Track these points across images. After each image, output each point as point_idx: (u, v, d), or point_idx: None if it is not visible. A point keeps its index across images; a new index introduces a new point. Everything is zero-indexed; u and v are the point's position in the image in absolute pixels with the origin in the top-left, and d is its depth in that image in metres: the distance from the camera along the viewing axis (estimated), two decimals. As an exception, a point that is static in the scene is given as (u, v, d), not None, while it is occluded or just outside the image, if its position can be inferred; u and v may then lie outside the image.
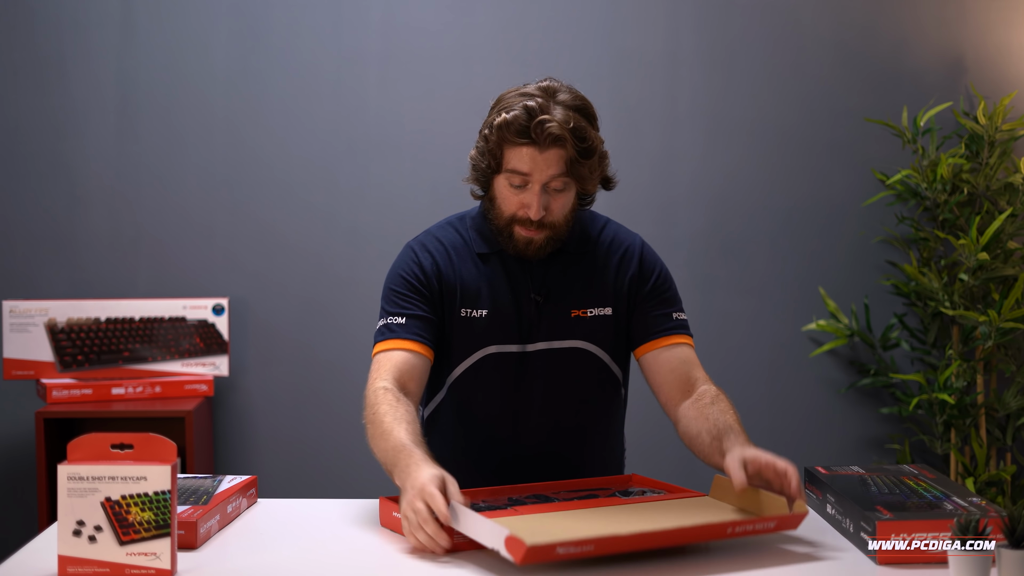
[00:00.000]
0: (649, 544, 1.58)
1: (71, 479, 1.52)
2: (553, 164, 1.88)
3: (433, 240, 2.02)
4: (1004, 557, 1.44)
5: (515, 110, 1.87)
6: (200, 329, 3.24)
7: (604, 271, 2.02)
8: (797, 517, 1.67)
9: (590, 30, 3.38)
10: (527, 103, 1.87)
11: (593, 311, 2.00)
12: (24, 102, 3.33)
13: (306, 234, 3.38)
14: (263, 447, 3.38)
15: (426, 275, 1.98)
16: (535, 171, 1.88)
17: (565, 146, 1.87)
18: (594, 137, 1.92)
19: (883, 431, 3.42)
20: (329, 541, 1.73)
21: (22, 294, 3.31)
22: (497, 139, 1.89)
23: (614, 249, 2.05)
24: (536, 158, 1.87)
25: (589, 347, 2.00)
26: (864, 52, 3.40)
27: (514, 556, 1.47)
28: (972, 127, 3.24)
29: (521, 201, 1.91)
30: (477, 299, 1.97)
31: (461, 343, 1.98)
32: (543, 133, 1.85)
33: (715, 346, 3.40)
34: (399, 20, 3.36)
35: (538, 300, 1.98)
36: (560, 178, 1.90)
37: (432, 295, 1.97)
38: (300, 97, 3.36)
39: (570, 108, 1.89)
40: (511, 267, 1.99)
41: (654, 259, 2.07)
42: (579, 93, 1.94)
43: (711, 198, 3.40)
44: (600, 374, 2.03)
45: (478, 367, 1.98)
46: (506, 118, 1.87)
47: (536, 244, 1.95)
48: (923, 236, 3.26)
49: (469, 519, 1.55)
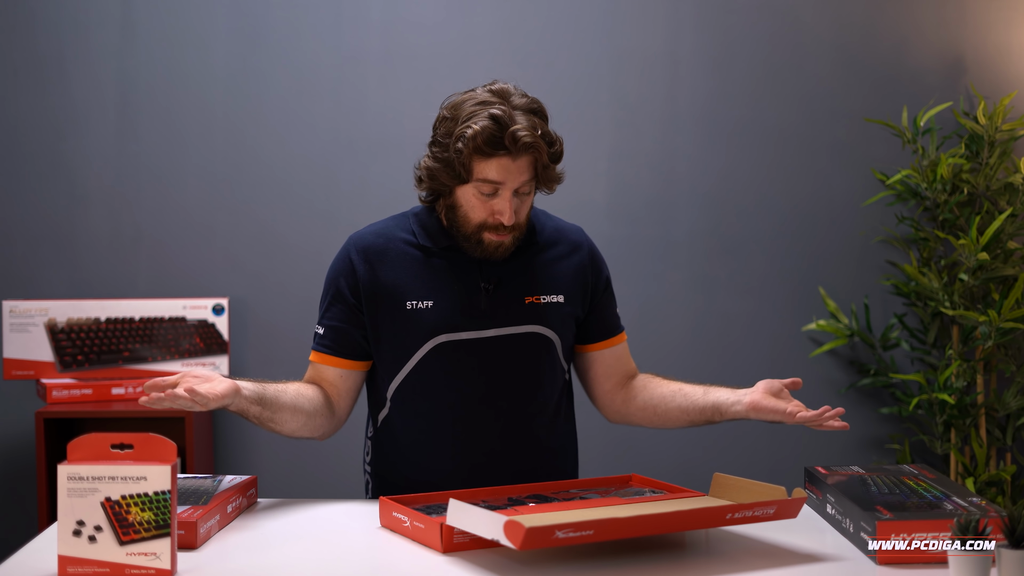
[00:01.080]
0: (649, 529, 1.57)
1: (71, 479, 1.52)
2: (525, 171, 1.92)
3: (373, 237, 2.05)
4: (1004, 557, 1.44)
5: (481, 120, 1.88)
6: (200, 329, 3.24)
7: (553, 260, 2.06)
8: (796, 503, 1.67)
9: (590, 30, 3.38)
10: (492, 111, 1.89)
11: (546, 298, 2.03)
12: (24, 102, 3.33)
13: (306, 234, 3.38)
14: (263, 447, 3.38)
15: (357, 281, 2.01)
16: (508, 179, 1.91)
17: (536, 153, 1.91)
18: (558, 139, 1.96)
19: (883, 431, 3.42)
20: (329, 541, 1.73)
21: (22, 294, 3.31)
22: (468, 151, 1.90)
23: (560, 240, 2.09)
24: (509, 167, 1.90)
25: (545, 331, 2.02)
26: (864, 52, 3.40)
27: (513, 541, 1.47)
28: (972, 127, 3.24)
29: (491, 208, 1.94)
30: (422, 291, 1.99)
31: (412, 335, 1.98)
32: (516, 143, 1.88)
33: (715, 346, 3.40)
34: (399, 19, 3.36)
35: (488, 288, 1.99)
36: (528, 183, 1.94)
37: (359, 303, 2.01)
38: (300, 97, 3.36)
39: (529, 112, 1.93)
40: (457, 259, 2.01)
41: (602, 258, 2.15)
42: (526, 93, 1.97)
43: (711, 198, 3.40)
44: (552, 362, 2.05)
45: (428, 359, 1.98)
46: (476, 130, 1.88)
47: (505, 246, 1.98)
48: (923, 236, 3.26)
49: (466, 512, 1.55)
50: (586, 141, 3.37)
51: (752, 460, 3.40)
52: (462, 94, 1.96)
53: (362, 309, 2.01)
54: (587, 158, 3.37)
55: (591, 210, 3.32)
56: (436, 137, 1.97)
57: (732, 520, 1.63)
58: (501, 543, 1.49)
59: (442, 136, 1.95)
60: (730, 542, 1.71)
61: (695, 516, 1.62)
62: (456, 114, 1.93)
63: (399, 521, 1.73)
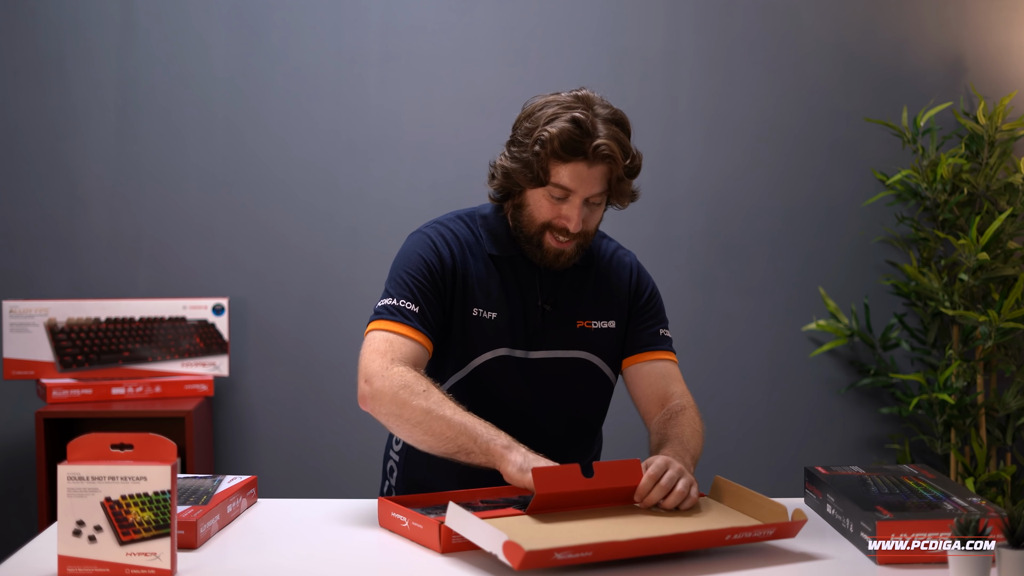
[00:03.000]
0: (647, 550, 1.58)
1: (71, 479, 1.52)
2: (599, 181, 1.89)
3: (448, 231, 1.98)
4: (1004, 557, 1.44)
5: (561, 123, 1.85)
6: (200, 329, 3.24)
7: (609, 285, 2.04)
8: (796, 525, 1.67)
9: (590, 30, 3.38)
10: (575, 115, 1.85)
11: (598, 323, 2.02)
12: (24, 102, 3.33)
13: (306, 234, 3.38)
14: (263, 447, 3.38)
15: (443, 264, 1.94)
16: (581, 187, 1.88)
17: (613, 164, 1.87)
18: (637, 154, 1.92)
19: (883, 431, 3.42)
20: (329, 541, 1.73)
21: (22, 294, 3.31)
22: (545, 153, 1.86)
23: (616, 264, 2.07)
24: (584, 174, 1.87)
25: (591, 358, 2.02)
26: (864, 52, 3.40)
27: (512, 561, 1.47)
28: (972, 127, 3.24)
29: (559, 212, 1.90)
30: (488, 300, 1.95)
31: (471, 342, 1.95)
32: (595, 152, 1.85)
33: (715, 346, 3.40)
34: (399, 20, 3.36)
35: (546, 309, 1.98)
36: (601, 195, 1.91)
37: (446, 288, 1.93)
38: (300, 97, 3.36)
39: (612, 122, 1.88)
40: (521, 273, 1.98)
41: (648, 277, 2.12)
42: (611, 105, 1.92)
43: (711, 198, 3.40)
44: (595, 388, 2.04)
45: (482, 370, 1.96)
46: (554, 132, 1.84)
47: (567, 255, 1.95)
48: (923, 236, 3.26)
49: (467, 523, 1.55)
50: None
51: (753, 460, 3.40)
52: (546, 96, 1.92)
53: (448, 295, 1.93)
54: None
55: (591, 210, 3.32)
56: (516, 136, 1.92)
57: (731, 541, 1.63)
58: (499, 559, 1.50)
59: (522, 136, 1.90)
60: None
61: (695, 538, 1.62)
62: (538, 115, 1.89)
63: (398, 521, 1.73)
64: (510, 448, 1.75)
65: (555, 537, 1.58)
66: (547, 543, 1.50)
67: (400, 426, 1.81)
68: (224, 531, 1.77)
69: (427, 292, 1.91)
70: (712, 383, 3.40)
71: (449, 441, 1.77)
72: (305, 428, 3.39)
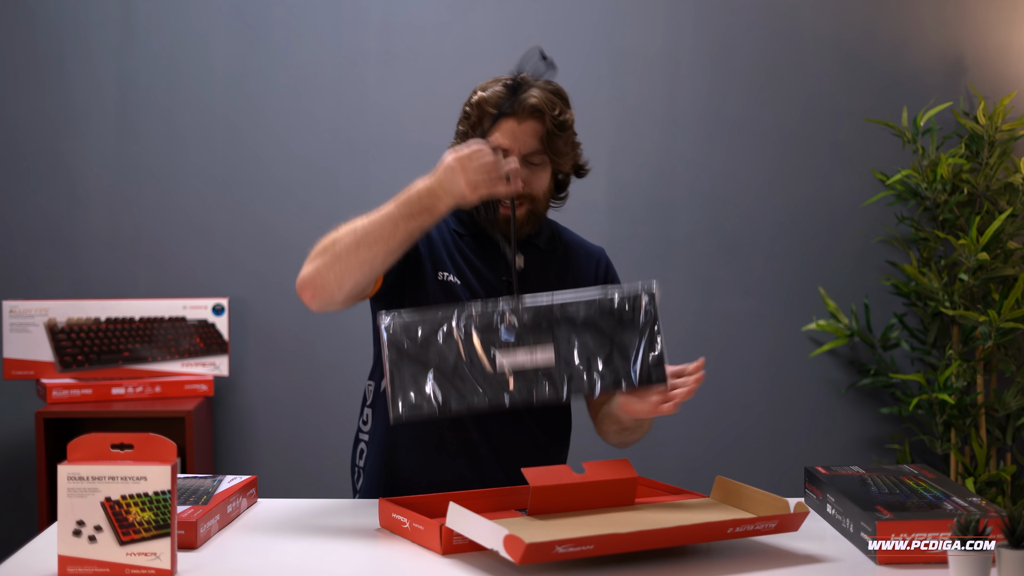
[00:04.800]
0: (649, 544, 1.57)
1: (71, 479, 1.52)
2: (531, 136, 1.97)
3: None
4: (1004, 557, 1.44)
5: (493, 87, 1.99)
6: (200, 329, 3.24)
7: (574, 269, 2.10)
8: (798, 517, 1.67)
9: (590, 30, 3.38)
10: (505, 82, 1.99)
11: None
12: (24, 102, 3.33)
13: (306, 234, 3.34)
14: (263, 447, 3.38)
15: None
16: (515, 143, 1.96)
17: (542, 119, 1.98)
18: (569, 114, 2.03)
19: (883, 431, 3.42)
20: (329, 541, 1.73)
21: (22, 294, 3.31)
22: (478, 115, 1.99)
23: (583, 253, 2.14)
24: (515, 130, 1.97)
25: None
26: (864, 52, 3.40)
27: (513, 555, 1.47)
28: (972, 127, 3.24)
29: None
30: (454, 268, 2.02)
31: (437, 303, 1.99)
32: (522, 105, 1.96)
33: (715, 346, 3.40)
34: (399, 20, 3.36)
35: (508, 281, 2.02)
36: (538, 154, 1.99)
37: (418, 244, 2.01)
38: (300, 97, 3.36)
39: (543, 89, 2.01)
40: (487, 249, 2.05)
41: (616, 275, 2.17)
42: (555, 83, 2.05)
43: (711, 198, 3.40)
44: None
45: None
46: (484, 95, 1.98)
47: (519, 219, 2.01)
48: (923, 236, 3.26)
49: (467, 520, 1.55)
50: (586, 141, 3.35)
51: (752, 460, 3.40)
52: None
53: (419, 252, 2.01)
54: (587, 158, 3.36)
55: (591, 210, 3.32)
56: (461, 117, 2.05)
57: (733, 534, 1.63)
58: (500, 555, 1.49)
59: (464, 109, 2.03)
60: (730, 542, 1.71)
61: (697, 530, 1.62)
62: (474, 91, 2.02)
63: (398, 522, 1.73)
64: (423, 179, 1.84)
65: (556, 533, 1.58)
66: (548, 537, 1.50)
67: (335, 265, 1.86)
68: (224, 531, 1.77)
69: None
70: (712, 383, 3.39)
71: (378, 226, 1.84)
72: (305, 428, 3.39)
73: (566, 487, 1.71)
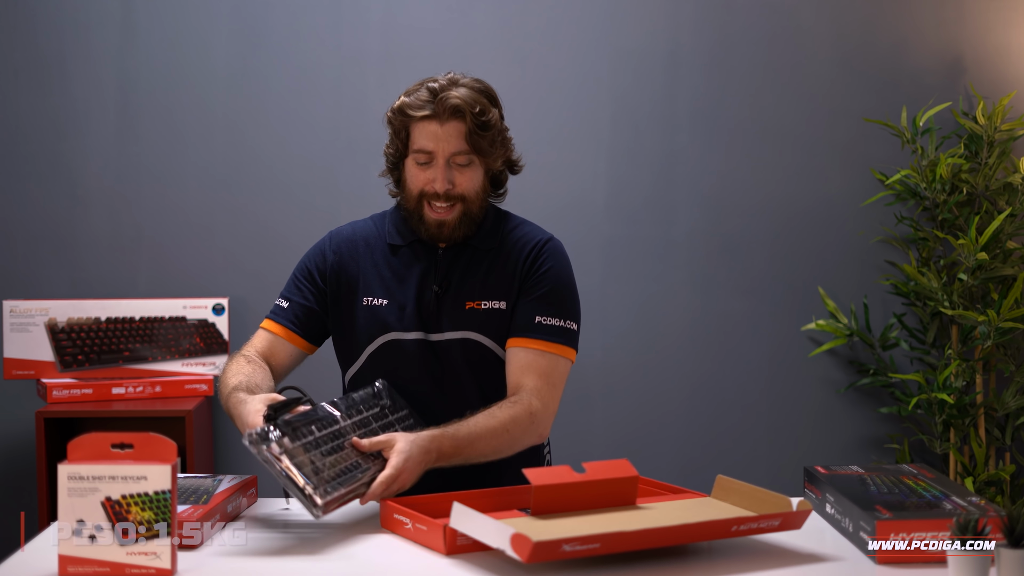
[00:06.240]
0: (656, 542, 1.57)
1: (71, 479, 1.52)
2: (454, 137, 1.98)
3: (349, 231, 2.13)
4: (1003, 557, 1.44)
5: (417, 92, 2.01)
6: (200, 329, 3.24)
7: (506, 266, 2.06)
8: (801, 515, 1.67)
9: (590, 30, 3.38)
10: (428, 85, 2.00)
11: (487, 303, 2.04)
12: (24, 102, 3.33)
13: (306, 234, 3.34)
14: (263, 447, 3.37)
15: (326, 268, 2.08)
16: (438, 145, 1.98)
17: (464, 119, 1.97)
18: (493, 113, 2.01)
19: (882, 431, 3.43)
20: (329, 541, 1.73)
21: (22, 294, 3.31)
22: (400, 120, 2.00)
23: (521, 245, 2.08)
24: (438, 132, 1.98)
25: (481, 339, 2.03)
26: (863, 52, 3.40)
27: (520, 554, 1.47)
28: (971, 127, 3.24)
29: (427, 177, 2.00)
30: (381, 288, 2.04)
31: (363, 330, 2.04)
32: (442, 105, 1.96)
33: (715, 346, 3.40)
34: (399, 20, 3.36)
35: (437, 291, 2.02)
36: (464, 154, 1.99)
37: (327, 285, 2.07)
38: (300, 97, 3.36)
39: (470, 88, 2.01)
40: (420, 258, 2.06)
41: (553, 258, 2.08)
42: (482, 81, 2.05)
43: (710, 198, 3.41)
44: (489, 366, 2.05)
45: (377, 356, 2.04)
46: (406, 100, 2.00)
47: (449, 225, 2.01)
48: (922, 236, 3.27)
49: (472, 519, 1.55)
50: (586, 141, 3.38)
51: (752, 460, 3.40)
52: None
53: (327, 296, 2.07)
54: (586, 158, 3.37)
55: (590, 210, 3.32)
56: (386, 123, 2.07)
57: (737, 532, 1.63)
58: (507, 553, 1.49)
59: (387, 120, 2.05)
60: (730, 542, 1.71)
61: (701, 529, 1.62)
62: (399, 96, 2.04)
63: (400, 523, 1.73)
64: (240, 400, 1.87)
65: (561, 531, 1.58)
66: (554, 536, 1.50)
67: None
68: (224, 531, 1.77)
69: (303, 290, 2.08)
70: (712, 383, 3.41)
71: (228, 410, 1.93)
72: (305, 428, 3.38)
73: (569, 486, 1.72)
